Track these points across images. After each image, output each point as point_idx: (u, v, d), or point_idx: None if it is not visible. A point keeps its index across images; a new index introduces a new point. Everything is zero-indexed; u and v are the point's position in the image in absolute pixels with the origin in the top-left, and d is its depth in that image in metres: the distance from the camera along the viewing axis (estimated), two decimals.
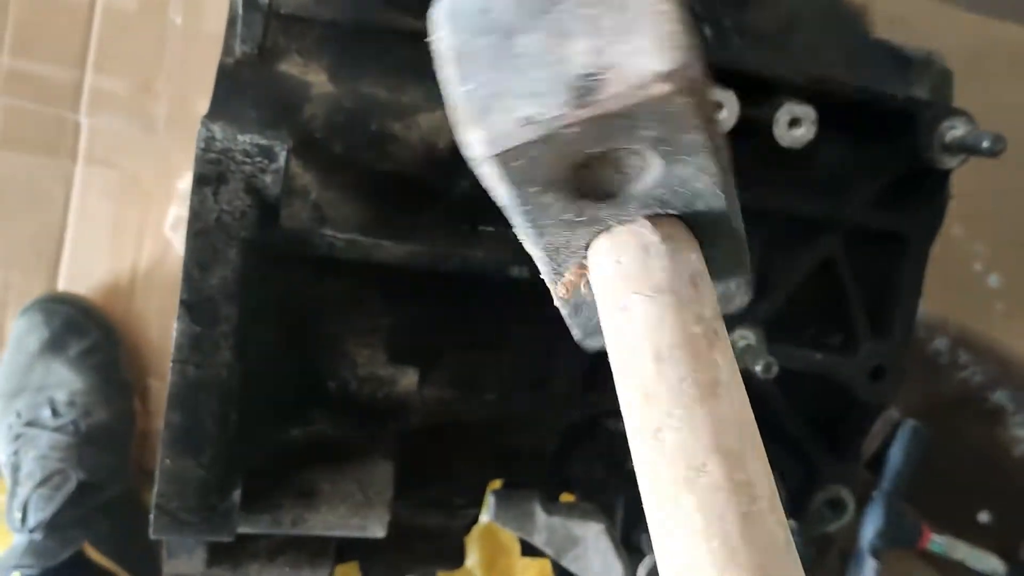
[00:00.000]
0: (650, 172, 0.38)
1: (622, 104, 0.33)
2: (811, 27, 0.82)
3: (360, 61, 0.66)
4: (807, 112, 0.75)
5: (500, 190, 0.38)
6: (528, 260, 0.71)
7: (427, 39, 0.36)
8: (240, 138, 0.55)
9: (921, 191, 0.82)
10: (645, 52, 0.33)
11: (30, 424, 1.17)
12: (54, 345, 1.20)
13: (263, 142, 0.56)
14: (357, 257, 0.63)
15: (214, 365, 0.55)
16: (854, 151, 0.82)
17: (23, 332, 1.22)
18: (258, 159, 0.55)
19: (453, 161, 0.69)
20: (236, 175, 0.55)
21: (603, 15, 0.34)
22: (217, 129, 0.55)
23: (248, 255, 0.56)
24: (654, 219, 0.40)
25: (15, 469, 1.16)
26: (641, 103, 0.33)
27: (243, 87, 0.62)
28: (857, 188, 0.82)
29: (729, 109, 0.73)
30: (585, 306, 0.45)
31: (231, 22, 0.64)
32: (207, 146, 0.54)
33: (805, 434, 0.86)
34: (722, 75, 0.75)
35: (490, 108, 0.34)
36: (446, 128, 0.66)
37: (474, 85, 0.35)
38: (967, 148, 0.77)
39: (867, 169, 0.82)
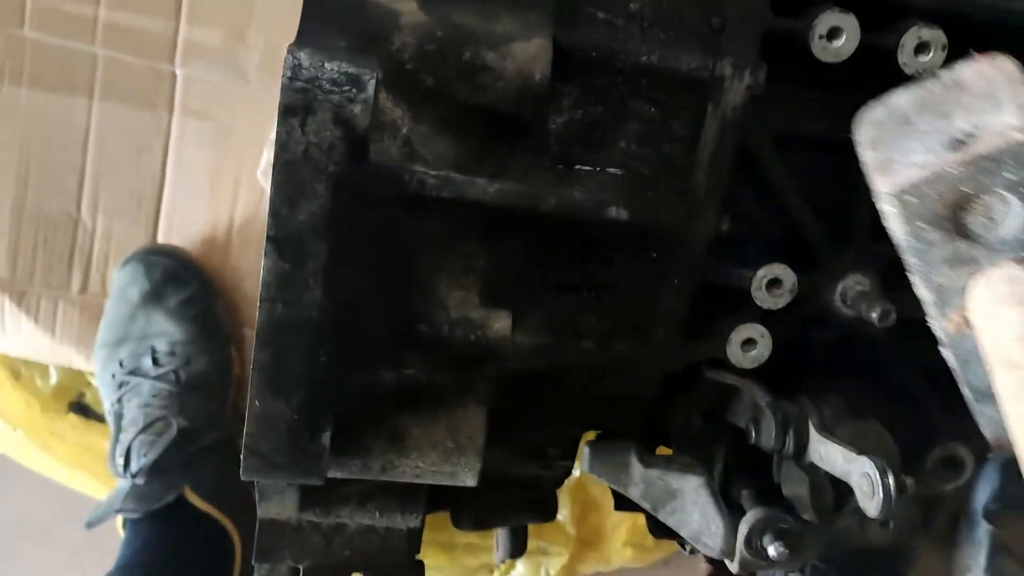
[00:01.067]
0: (1015, 218, 0.49)
1: (989, 148, 0.48)
2: None
3: None
4: (935, 36, 0.69)
5: (896, 227, 0.52)
6: (627, 202, 0.69)
7: None
8: (328, 65, 0.53)
9: None
10: (1006, 113, 0.48)
11: (132, 373, 1.20)
12: (154, 296, 1.23)
13: (352, 70, 0.53)
14: (450, 195, 0.60)
15: (302, 304, 0.54)
16: None
17: (125, 283, 1.24)
18: (346, 88, 0.53)
19: (549, 95, 0.66)
20: (324, 105, 0.53)
21: (975, 102, 0.49)
22: (304, 56, 0.53)
23: (337, 190, 0.54)
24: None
25: (118, 417, 1.19)
26: (1004, 148, 0.47)
27: (330, 14, 0.59)
28: None
29: (848, 34, 0.68)
30: (973, 360, 0.54)
31: None
32: (293, 74, 0.52)
33: (921, 387, 0.80)
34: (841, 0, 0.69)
35: (893, 162, 0.51)
36: (542, 58, 0.62)
37: (882, 151, 0.52)
38: None
39: None
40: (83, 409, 1.35)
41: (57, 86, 1.23)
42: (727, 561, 0.75)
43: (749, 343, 0.73)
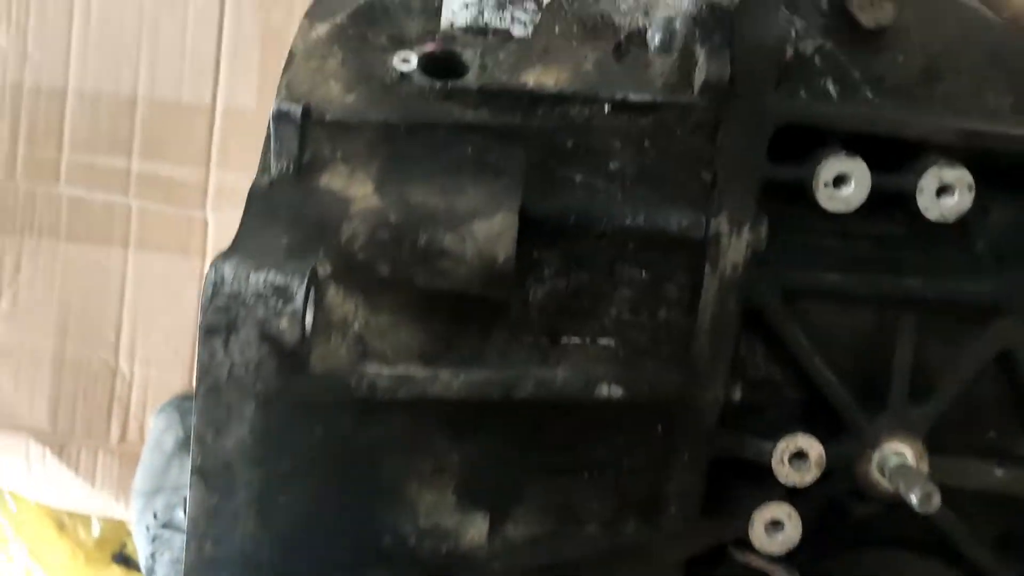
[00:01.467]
0: None
1: None
2: (967, 67, 0.67)
3: (413, 163, 0.59)
4: (959, 176, 0.61)
5: None
6: (620, 376, 0.62)
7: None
8: (253, 277, 0.49)
9: None
10: None
11: (166, 526, 1.17)
12: (188, 445, 1.20)
13: (279, 281, 0.49)
14: (407, 396, 0.55)
15: (235, 539, 0.49)
16: None
17: (160, 431, 1.22)
18: (272, 301, 0.49)
19: (519, 271, 0.60)
20: (248, 321, 0.48)
21: None
22: (227, 270, 0.49)
23: (269, 409, 0.49)
24: None
25: (150, 572, 1.16)
26: None
27: (276, 210, 0.56)
28: None
29: (857, 181, 0.60)
30: None
31: (267, 137, 0.59)
32: (214, 291, 0.48)
33: (988, 561, 0.69)
34: (849, 139, 0.62)
35: None
36: (506, 236, 0.57)
37: None
38: None
39: None
40: (126, 560, 1.33)
41: (93, 238, 1.25)
42: None
43: (775, 525, 0.65)
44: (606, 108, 0.61)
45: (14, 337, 1.25)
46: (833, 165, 0.60)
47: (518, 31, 0.65)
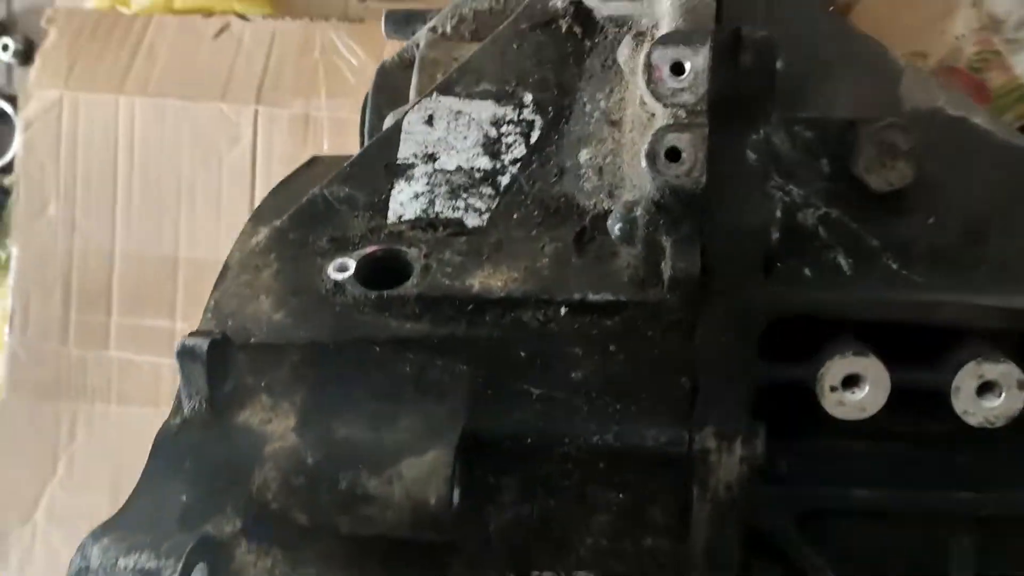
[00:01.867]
0: None
1: None
2: (1021, 222, 0.56)
3: (342, 389, 0.52)
4: (1005, 372, 0.49)
5: None
6: None
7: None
8: (122, 562, 0.43)
9: None
10: None
11: None
12: None
13: (150, 565, 0.43)
14: None
15: None
16: None
17: None
18: None
19: (475, 499, 0.52)
20: None
21: None
22: (95, 553, 0.43)
23: None
24: None
25: None
26: None
27: (182, 458, 0.50)
28: None
29: (873, 383, 0.49)
30: None
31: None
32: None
33: None
34: (862, 329, 0.52)
35: None
36: (439, 475, 0.49)
37: None
38: None
39: None
40: None
41: (142, 399, 1.24)
42: None
43: None
44: (562, 311, 0.53)
45: (70, 501, 1.25)
46: (839, 366, 0.50)
47: (472, 221, 0.58)
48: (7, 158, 1.66)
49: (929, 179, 0.55)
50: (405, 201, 0.59)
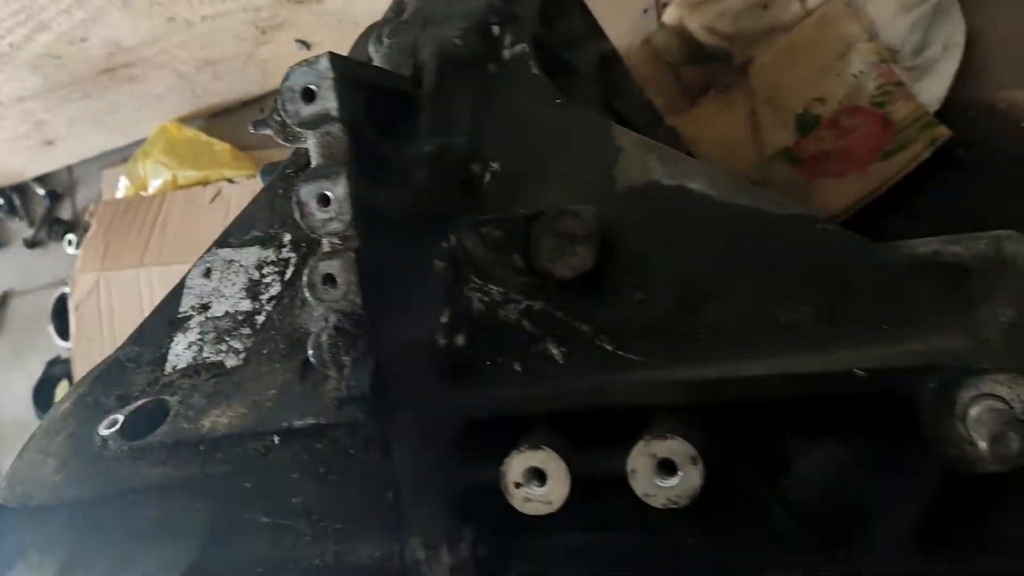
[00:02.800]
0: None
1: None
2: (740, 283, 0.54)
3: (99, 540, 0.56)
4: (676, 449, 0.47)
5: None
6: None
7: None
8: None
9: None
10: None
11: None
12: None
13: None
14: None
15: None
16: None
17: None
18: None
19: None
20: None
21: None
22: None
23: None
24: None
25: None
26: None
27: None
28: None
29: (552, 475, 0.49)
30: None
31: None
32: None
33: None
34: (557, 420, 0.51)
35: None
36: None
37: None
38: None
39: None
40: None
41: None
42: None
43: None
44: (275, 439, 0.55)
45: None
46: (518, 462, 0.49)
47: (230, 361, 0.62)
48: None
49: (634, 255, 0.55)
50: (180, 352, 0.64)
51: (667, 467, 0.47)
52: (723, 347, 0.52)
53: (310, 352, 0.55)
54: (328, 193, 0.51)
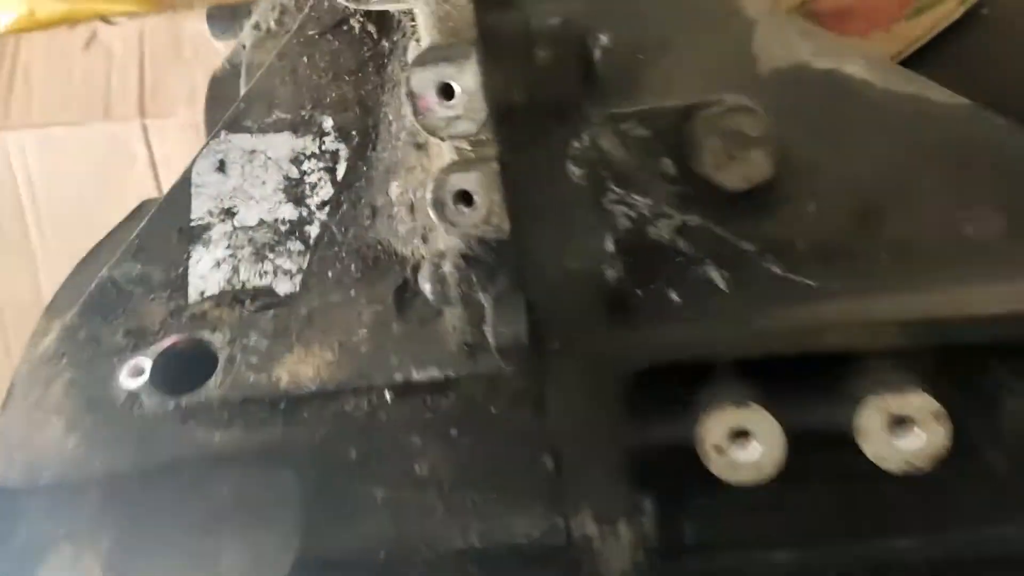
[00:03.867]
0: None
1: None
2: (920, 191, 0.46)
3: (151, 527, 0.45)
4: (920, 406, 0.40)
5: None
6: None
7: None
8: None
9: None
10: None
11: None
12: None
13: None
14: None
15: None
16: None
17: None
18: None
19: None
20: None
21: None
22: None
23: None
24: None
25: None
26: None
27: None
28: None
29: (762, 438, 0.41)
30: None
31: None
32: None
33: None
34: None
35: None
36: None
37: None
38: None
39: None
40: None
41: None
42: None
43: None
44: (387, 396, 0.44)
45: None
46: (717, 422, 0.41)
47: (283, 287, 0.49)
48: None
49: (801, 157, 0.46)
50: (206, 272, 0.50)
51: (899, 424, 0.40)
52: (910, 266, 0.45)
53: (427, 287, 0.43)
54: (453, 83, 0.38)
